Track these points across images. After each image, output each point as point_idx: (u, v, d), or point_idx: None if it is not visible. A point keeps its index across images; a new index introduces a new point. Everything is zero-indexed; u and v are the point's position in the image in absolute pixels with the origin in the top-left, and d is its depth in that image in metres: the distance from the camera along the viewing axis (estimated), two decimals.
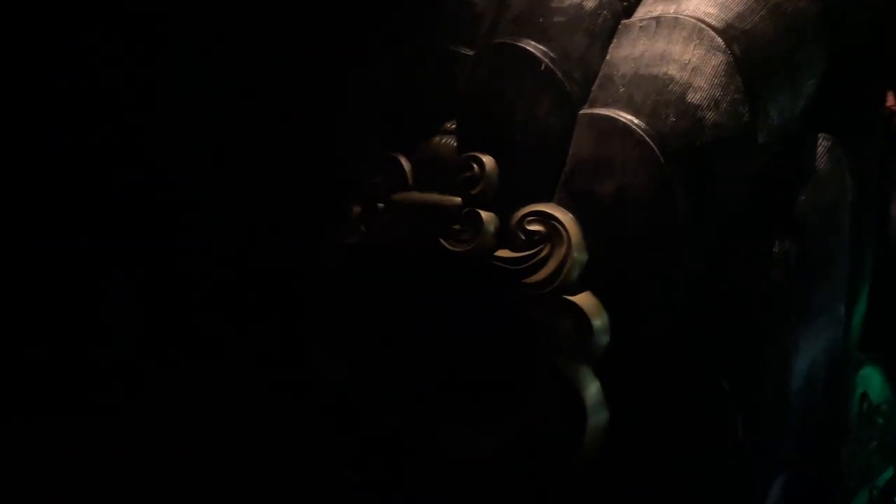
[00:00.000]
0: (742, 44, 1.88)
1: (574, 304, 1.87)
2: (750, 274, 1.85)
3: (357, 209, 2.20)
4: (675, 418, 1.86)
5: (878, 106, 2.00)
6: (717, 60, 1.87)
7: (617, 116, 1.89)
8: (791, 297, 1.84)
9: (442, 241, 2.01)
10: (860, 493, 2.33)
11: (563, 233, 1.89)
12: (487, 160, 2.00)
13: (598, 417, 1.88)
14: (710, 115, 1.85)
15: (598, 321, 1.87)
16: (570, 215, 1.91)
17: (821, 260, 1.88)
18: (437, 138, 2.13)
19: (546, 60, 1.98)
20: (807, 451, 2.02)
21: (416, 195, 2.11)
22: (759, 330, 1.85)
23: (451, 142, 2.11)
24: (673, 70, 1.88)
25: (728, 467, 1.86)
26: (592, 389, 1.88)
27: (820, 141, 1.90)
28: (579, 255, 1.89)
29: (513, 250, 1.94)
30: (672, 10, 1.95)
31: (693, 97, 1.86)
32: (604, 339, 1.87)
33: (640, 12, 2.00)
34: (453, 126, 2.12)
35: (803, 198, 1.87)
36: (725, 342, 1.85)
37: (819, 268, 1.87)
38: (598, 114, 1.92)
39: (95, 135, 2.15)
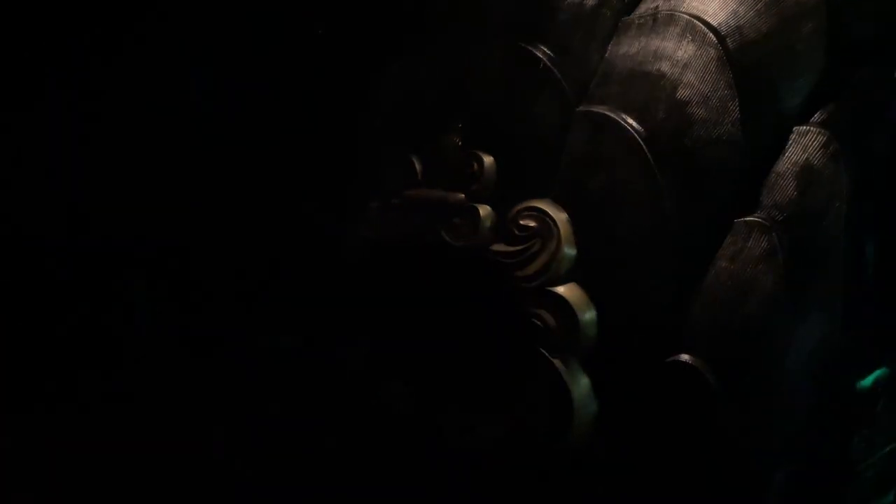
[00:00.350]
0: (735, 39, 1.87)
1: (562, 298, 1.92)
2: (740, 269, 1.85)
3: (374, 205, 2.30)
4: (663, 412, 1.88)
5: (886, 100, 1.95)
6: (708, 56, 1.87)
7: (609, 114, 1.93)
8: (782, 291, 1.83)
9: (444, 234, 2.09)
10: (886, 496, 2.28)
11: (554, 228, 1.94)
12: (486, 158, 2.06)
13: (586, 410, 1.92)
14: (698, 111, 1.86)
15: (586, 315, 1.91)
16: (562, 211, 1.96)
17: (813, 254, 1.85)
18: (447, 136, 2.20)
19: (545, 59, 2.03)
20: (811, 448, 2.00)
21: (424, 191, 2.18)
22: (749, 325, 1.84)
23: (459, 140, 2.18)
24: (665, 67, 1.90)
25: (718, 461, 1.87)
26: (581, 382, 1.92)
27: (815, 136, 1.87)
28: (568, 251, 1.93)
29: (508, 244, 2.00)
30: (669, 7, 1.96)
31: (683, 93, 1.88)
32: (591, 333, 1.91)
33: (640, 9, 2.02)
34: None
35: (796, 193, 1.86)
36: (715, 337, 1.86)
37: (811, 263, 1.85)
38: (592, 111, 1.96)
39: (117, 130, 2.27)
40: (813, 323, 1.87)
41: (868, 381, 2.13)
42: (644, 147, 1.87)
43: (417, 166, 2.22)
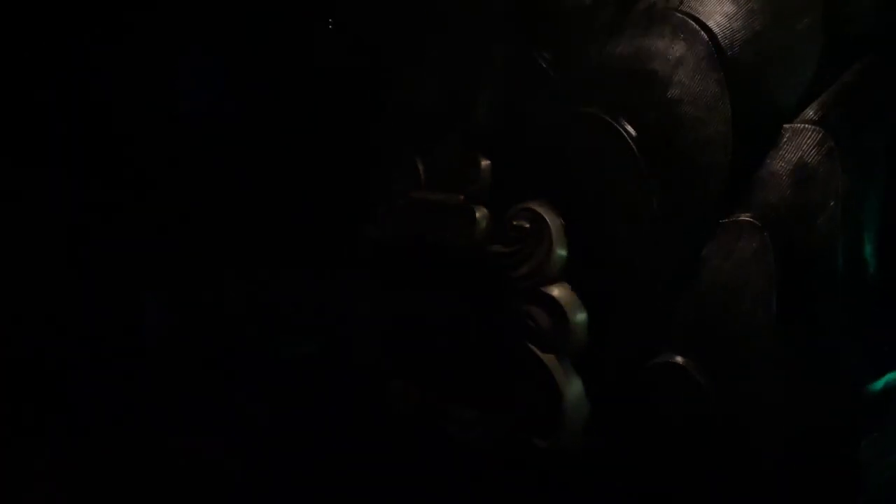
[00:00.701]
0: (727, 37, 1.85)
1: (553, 298, 1.93)
2: (731, 269, 1.83)
3: (380, 206, 2.34)
4: (654, 413, 1.87)
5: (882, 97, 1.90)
6: (699, 54, 1.86)
7: (602, 115, 1.92)
8: (773, 291, 1.80)
9: (443, 235, 2.12)
10: None
11: (546, 229, 1.95)
12: (483, 160, 2.09)
13: (578, 410, 1.93)
14: (689, 110, 1.85)
15: (577, 316, 1.91)
16: (554, 212, 1.96)
17: (806, 254, 1.82)
18: (448, 139, 2.23)
19: (541, 61, 2.04)
20: (818, 450, 1.96)
21: (426, 194, 2.21)
22: (739, 325, 1.82)
23: (459, 143, 2.20)
24: (657, 65, 1.89)
25: (711, 461, 1.85)
26: (573, 382, 1.93)
27: (810, 134, 1.84)
28: (560, 252, 1.94)
29: (503, 245, 2.01)
30: (664, 5, 1.95)
31: (674, 92, 1.86)
32: (582, 334, 1.91)
33: (637, 7, 2.01)
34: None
35: (789, 192, 1.83)
36: (705, 338, 1.84)
37: (804, 262, 1.81)
38: (585, 112, 1.96)
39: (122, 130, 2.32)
40: (807, 323, 1.84)
41: (879, 384, 2.08)
42: (635, 148, 1.87)
43: (421, 169, 2.25)
